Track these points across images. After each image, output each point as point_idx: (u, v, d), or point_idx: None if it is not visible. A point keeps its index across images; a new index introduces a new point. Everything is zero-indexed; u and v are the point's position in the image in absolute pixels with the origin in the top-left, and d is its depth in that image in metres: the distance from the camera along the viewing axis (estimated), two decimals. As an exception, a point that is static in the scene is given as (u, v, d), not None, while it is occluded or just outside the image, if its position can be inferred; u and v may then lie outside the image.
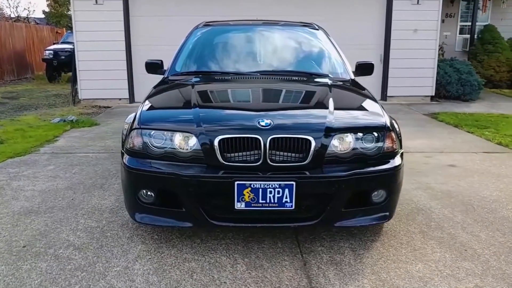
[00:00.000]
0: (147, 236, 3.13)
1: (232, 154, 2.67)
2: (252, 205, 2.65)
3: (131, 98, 9.89)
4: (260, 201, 2.64)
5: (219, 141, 2.65)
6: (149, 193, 2.82)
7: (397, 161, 2.91)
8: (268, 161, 2.65)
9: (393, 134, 2.92)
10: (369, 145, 2.81)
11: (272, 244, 3.02)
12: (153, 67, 4.22)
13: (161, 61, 4.23)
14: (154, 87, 3.71)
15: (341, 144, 2.75)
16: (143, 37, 9.61)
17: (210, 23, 4.68)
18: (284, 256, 2.86)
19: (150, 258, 2.82)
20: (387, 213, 2.93)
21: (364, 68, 4.21)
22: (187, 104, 3.09)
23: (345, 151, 2.76)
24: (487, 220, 3.47)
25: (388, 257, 2.86)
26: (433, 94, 9.90)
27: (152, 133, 2.81)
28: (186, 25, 9.42)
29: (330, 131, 2.74)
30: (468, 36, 13.25)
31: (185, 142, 2.75)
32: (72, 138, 6.31)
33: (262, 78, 3.72)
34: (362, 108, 3.17)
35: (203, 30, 4.49)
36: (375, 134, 2.84)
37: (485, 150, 5.72)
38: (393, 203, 2.95)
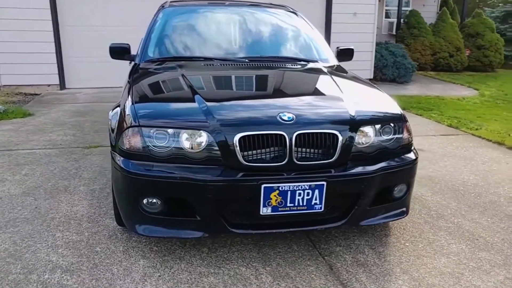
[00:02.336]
0: (144, 249, 2.75)
1: (253, 153, 2.37)
2: (279, 209, 2.39)
3: (62, 84, 8.99)
4: (288, 204, 2.39)
5: (239, 139, 2.34)
6: (155, 201, 2.44)
7: (414, 153, 2.81)
8: (294, 159, 2.39)
9: (408, 125, 2.80)
10: (389, 137, 2.67)
11: (287, 247, 2.80)
12: (119, 52, 3.72)
13: (129, 45, 3.75)
14: (132, 76, 3.25)
15: (364, 138, 2.58)
16: (76, 16, 8.72)
17: (177, 3, 4.24)
18: (306, 261, 2.65)
19: (160, 276, 2.46)
20: (405, 209, 2.83)
21: (345, 54, 4.07)
22: (187, 96, 2.72)
23: (368, 145, 2.59)
24: (478, 205, 3.52)
25: (409, 253, 2.77)
26: (372, 77, 10.15)
27: (153, 131, 2.42)
28: (134, 3, 8.84)
29: (355, 124, 2.54)
30: (393, 20, 13.79)
31: (195, 141, 2.40)
32: (7, 132, 5.52)
33: (253, 64, 3.42)
34: (373, 98, 3.01)
35: (172, 11, 4.05)
36: (393, 125, 2.70)
37: (441, 132, 5.91)
38: (409, 198, 2.85)
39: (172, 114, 2.55)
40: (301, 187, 2.37)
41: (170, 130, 2.41)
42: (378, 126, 2.63)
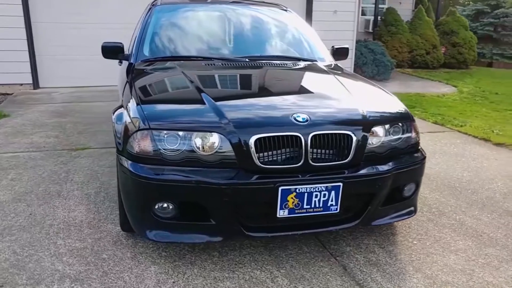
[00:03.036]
0: (153, 254, 2.67)
1: (268, 155, 2.33)
2: (296, 211, 2.36)
3: (35, 84, 8.71)
4: (305, 206, 2.37)
5: (255, 141, 2.30)
6: (168, 206, 2.37)
7: (422, 152, 2.82)
8: (309, 161, 2.37)
9: (416, 124, 2.82)
10: (398, 137, 2.67)
11: (298, 249, 2.77)
12: (112, 51, 3.61)
13: (122, 44, 3.64)
14: (130, 75, 3.16)
15: (375, 138, 2.57)
16: (50, 13, 8.46)
17: (168, 0, 4.15)
18: (319, 262, 2.63)
19: (174, 282, 2.40)
20: (413, 208, 2.84)
21: (340, 53, 4.08)
22: (194, 96, 2.66)
23: (379, 145, 2.58)
24: (476, 202, 3.58)
25: (419, 251, 2.79)
26: (352, 75, 10.22)
27: (164, 134, 2.35)
28: None
29: (367, 124, 2.54)
30: (369, 17, 13.94)
31: (209, 143, 2.34)
32: (-16, 135, 5.30)
33: (254, 64, 3.37)
34: (379, 97, 3.01)
35: (165, 9, 3.95)
36: (401, 124, 2.71)
37: (428, 130, 6.00)
38: (417, 197, 2.87)
39: (182, 115, 2.48)
40: (318, 188, 2.34)
41: (182, 133, 2.34)
42: (387, 126, 2.63)
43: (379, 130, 2.58)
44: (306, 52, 3.83)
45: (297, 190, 2.32)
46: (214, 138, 2.33)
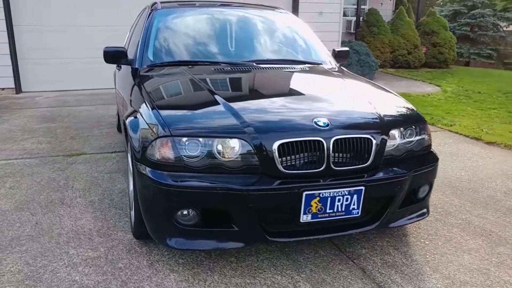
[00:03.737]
0: (170, 262, 2.63)
1: (291, 160, 2.33)
2: (319, 216, 2.37)
3: (18, 88, 8.54)
4: (328, 211, 2.37)
5: (279, 146, 2.29)
6: (191, 213, 2.34)
7: (434, 153, 2.87)
8: (331, 165, 2.37)
9: (428, 127, 2.86)
10: (413, 139, 2.71)
11: (314, 252, 2.77)
12: (116, 56, 3.54)
13: (125, 48, 3.58)
14: (138, 81, 3.11)
15: (393, 141, 2.60)
16: (32, 16, 8.28)
17: (169, 3, 4.10)
18: (337, 265, 2.64)
19: (197, 290, 2.37)
20: (426, 209, 2.88)
21: (341, 55, 4.11)
22: (211, 101, 2.64)
23: (396, 148, 2.61)
24: (479, 201, 3.65)
25: (432, 251, 2.83)
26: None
27: (185, 140, 2.32)
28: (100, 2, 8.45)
29: (385, 127, 2.56)
30: (351, 18, 14.09)
31: (231, 148, 2.32)
32: (-26, 141, 5.14)
33: (263, 68, 3.36)
34: (391, 100, 3.03)
35: (168, 12, 3.90)
36: (415, 127, 2.74)
37: (420, 129, 6.08)
38: (429, 199, 2.91)
39: (203, 121, 2.45)
40: (341, 193, 2.35)
41: (203, 139, 2.32)
42: (402, 129, 2.66)
43: (395, 133, 2.61)
44: (310, 55, 3.85)
45: (321, 195, 2.32)
46: (237, 144, 2.31)
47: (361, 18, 13.28)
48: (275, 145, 2.29)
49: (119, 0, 8.67)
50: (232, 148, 2.32)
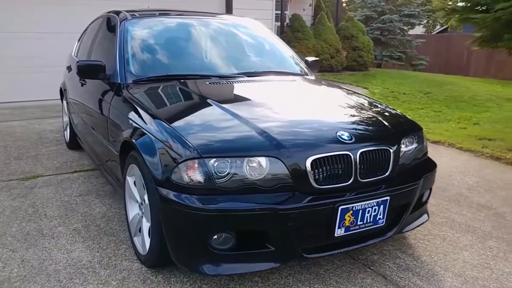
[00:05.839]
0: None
1: (321, 175, 2.34)
2: (351, 228, 2.41)
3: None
4: (358, 223, 2.42)
5: (311, 162, 2.30)
6: (226, 236, 2.26)
7: (431, 159, 3.05)
8: (358, 178, 2.43)
9: (423, 134, 3.03)
10: (415, 147, 2.85)
11: (331, 264, 2.81)
12: (93, 70, 3.30)
13: (103, 62, 3.34)
14: (131, 97, 2.94)
15: (403, 150, 2.72)
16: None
17: (138, 13, 3.89)
18: (358, 274, 2.70)
19: (236, 316, 2.29)
20: (426, 213, 3.05)
21: (313, 65, 4.19)
22: (228, 118, 2.57)
23: (406, 156, 2.74)
24: (451, 198, 3.95)
25: (434, 251, 3.00)
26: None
27: (213, 161, 2.23)
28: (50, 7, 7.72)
29: (397, 138, 2.68)
30: (275, 23, 14.41)
31: (262, 167, 2.28)
32: None
33: (257, 81, 3.33)
34: (389, 111, 3.14)
35: (140, 24, 3.70)
36: (415, 135, 2.89)
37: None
38: (427, 202, 3.08)
39: (229, 140, 2.38)
40: (370, 204, 2.42)
41: (233, 159, 2.25)
42: (408, 137, 2.79)
43: (404, 142, 2.73)
44: (293, 65, 3.88)
45: (353, 208, 2.36)
46: (268, 162, 2.28)
47: (285, 23, 13.63)
48: (308, 161, 2.29)
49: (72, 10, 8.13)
50: (264, 166, 2.27)
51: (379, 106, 3.21)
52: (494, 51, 13.44)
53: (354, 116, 2.89)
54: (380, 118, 2.81)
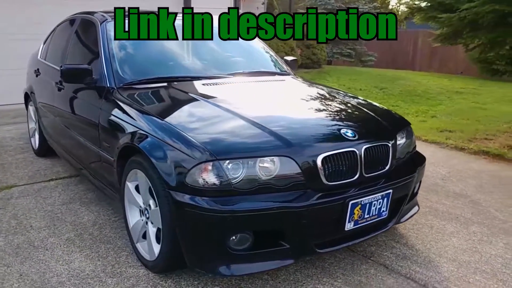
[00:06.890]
0: (207, 291, 2.52)
1: (331, 172, 2.43)
2: (359, 222, 2.51)
3: None
4: (365, 216, 2.53)
5: (322, 159, 2.38)
6: (244, 236, 2.29)
7: (419, 152, 3.22)
8: (363, 173, 2.54)
9: (411, 129, 3.19)
10: (406, 141, 2.99)
11: (333, 257, 2.90)
12: (78, 74, 3.20)
13: (90, 67, 3.25)
14: (124, 100, 2.90)
15: (398, 145, 2.85)
16: None
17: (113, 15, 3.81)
18: (361, 266, 2.81)
19: (256, 315, 2.32)
20: (417, 204, 3.21)
21: (291, 65, 4.28)
22: (235, 119, 2.60)
23: (400, 151, 2.87)
24: (429, 189, 4.16)
25: (425, 239, 3.17)
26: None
27: (228, 163, 2.26)
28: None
29: (393, 133, 2.81)
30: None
31: (275, 166, 2.33)
32: None
33: (246, 80, 3.37)
34: (379, 108, 3.27)
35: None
36: (405, 130, 3.04)
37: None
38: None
39: (241, 141, 2.41)
40: (376, 198, 2.53)
41: (247, 159, 2.28)
42: (400, 132, 2.94)
43: (398, 136, 2.87)
44: (275, 66, 3.94)
45: (362, 202, 2.46)
46: (281, 161, 2.33)
47: (240, 22, 13.68)
48: (319, 159, 2.36)
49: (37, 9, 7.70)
50: (276, 165, 2.32)
51: (369, 103, 3.34)
52: (437, 48, 14.19)
53: (351, 114, 3.00)
54: (374, 115, 2.94)
